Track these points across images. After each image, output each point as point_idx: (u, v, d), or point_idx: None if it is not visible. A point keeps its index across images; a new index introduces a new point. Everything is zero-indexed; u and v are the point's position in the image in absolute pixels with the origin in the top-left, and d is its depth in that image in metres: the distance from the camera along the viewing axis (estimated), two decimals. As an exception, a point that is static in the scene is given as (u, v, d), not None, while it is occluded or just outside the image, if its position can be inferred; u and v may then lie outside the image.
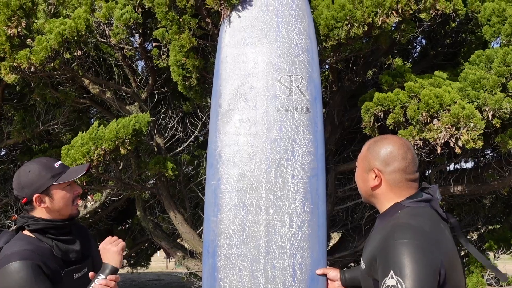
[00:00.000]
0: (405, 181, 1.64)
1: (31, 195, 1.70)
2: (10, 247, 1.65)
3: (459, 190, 4.03)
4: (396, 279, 1.41)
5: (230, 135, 2.29)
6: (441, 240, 1.51)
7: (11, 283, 1.56)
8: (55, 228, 1.74)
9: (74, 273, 1.76)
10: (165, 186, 4.48)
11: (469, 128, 2.94)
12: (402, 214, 1.58)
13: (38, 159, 1.79)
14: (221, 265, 2.18)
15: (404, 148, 1.66)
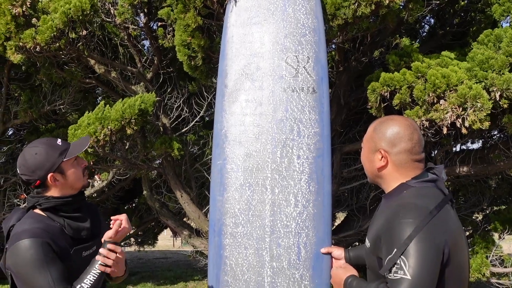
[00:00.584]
0: (411, 161, 1.65)
1: (44, 176, 1.72)
2: (21, 225, 1.67)
3: (465, 171, 4.02)
4: (399, 258, 1.43)
5: (236, 115, 2.29)
6: (446, 220, 1.52)
7: (21, 260, 1.59)
8: (66, 205, 1.77)
9: (83, 251, 1.78)
10: (171, 166, 4.52)
11: (476, 108, 2.92)
12: (408, 194, 1.59)
13: (38, 140, 1.79)
14: (227, 243, 2.21)
15: (410, 129, 1.66)
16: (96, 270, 1.66)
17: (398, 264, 1.43)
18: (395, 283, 1.42)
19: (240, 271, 2.17)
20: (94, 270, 1.66)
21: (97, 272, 1.66)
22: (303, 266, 2.15)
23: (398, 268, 1.43)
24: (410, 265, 1.41)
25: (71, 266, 1.69)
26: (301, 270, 2.15)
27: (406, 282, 1.40)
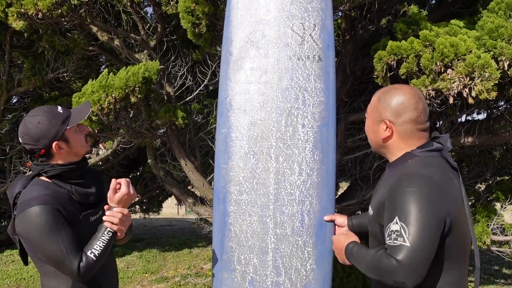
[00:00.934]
0: (416, 131, 1.64)
1: (49, 144, 1.72)
2: (29, 192, 1.69)
3: (470, 141, 4.01)
4: (400, 225, 1.45)
5: (241, 83, 2.27)
6: (450, 190, 1.53)
7: (32, 227, 1.61)
8: (71, 171, 1.78)
9: (91, 216, 1.81)
10: (175, 134, 4.52)
11: (484, 78, 2.89)
12: (412, 163, 1.59)
13: (39, 109, 1.77)
14: (231, 211, 2.23)
15: (415, 98, 1.64)
16: (105, 236, 1.69)
17: (399, 231, 1.45)
18: (394, 250, 1.45)
19: (244, 237, 2.21)
20: (103, 235, 1.69)
21: (106, 238, 1.69)
22: (307, 233, 2.19)
23: (398, 235, 1.45)
24: (410, 232, 1.43)
25: (80, 231, 1.72)
26: (304, 237, 2.19)
27: (405, 249, 1.42)
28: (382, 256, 1.48)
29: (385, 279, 1.47)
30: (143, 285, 5.68)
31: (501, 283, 5.64)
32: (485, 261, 6.84)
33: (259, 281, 2.19)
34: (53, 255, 1.62)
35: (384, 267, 1.46)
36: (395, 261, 1.42)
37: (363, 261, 1.60)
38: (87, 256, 1.65)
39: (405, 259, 1.41)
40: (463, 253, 1.58)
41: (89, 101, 1.90)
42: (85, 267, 1.63)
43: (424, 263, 1.43)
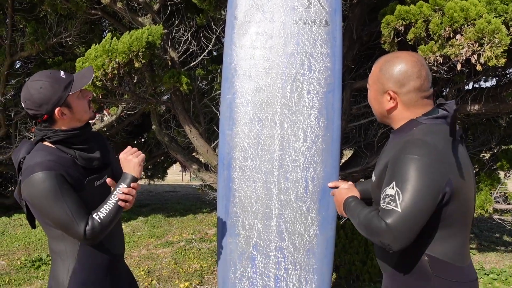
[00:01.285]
0: (420, 99, 1.62)
1: (51, 110, 1.71)
2: (33, 157, 1.69)
3: (476, 109, 3.98)
4: (395, 190, 1.46)
5: (246, 48, 2.24)
6: (454, 158, 1.52)
7: (37, 193, 1.62)
8: (75, 137, 1.78)
9: (95, 181, 1.82)
10: (179, 100, 4.50)
11: (493, 44, 2.83)
12: (417, 130, 1.58)
13: (41, 73, 1.75)
14: (236, 177, 2.25)
15: (418, 65, 1.61)
16: (112, 200, 1.70)
17: (393, 196, 1.46)
18: (385, 213, 1.47)
19: (248, 203, 2.23)
20: (110, 200, 1.70)
21: (113, 201, 1.70)
22: (310, 199, 2.20)
23: (391, 199, 1.46)
24: (404, 199, 1.44)
25: (85, 196, 1.73)
26: (308, 203, 2.20)
27: (395, 214, 1.44)
28: (374, 217, 1.52)
29: (372, 238, 1.52)
30: (148, 249, 5.80)
31: (502, 250, 5.71)
32: (487, 228, 6.91)
33: (263, 245, 2.23)
34: (59, 220, 1.64)
35: (374, 228, 1.50)
36: (385, 224, 1.45)
37: (357, 217, 1.63)
38: (93, 219, 1.67)
39: (394, 224, 1.44)
40: (465, 221, 1.59)
41: (91, 66, 1.87)
42: (91, 230, 1.65)
43: (412, 231, 1.45)
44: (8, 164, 7.21)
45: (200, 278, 4.60)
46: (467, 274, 1.60)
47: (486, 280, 4.42)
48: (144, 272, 4.77)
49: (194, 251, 5.56)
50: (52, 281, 1.80)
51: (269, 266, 2.23)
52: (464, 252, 1.61)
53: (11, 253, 5.57)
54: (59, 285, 1.77)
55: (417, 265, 1.59)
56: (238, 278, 2.25)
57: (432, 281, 1.57)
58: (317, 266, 2.21)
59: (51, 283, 1.80)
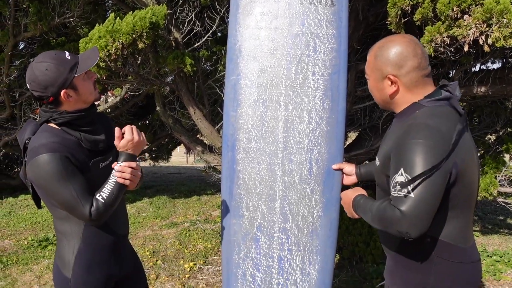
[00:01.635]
0: (421, 78, 1.61)
1: (57, 92, 1.71)
2: (38, 139, 1.69)
3: (483, 91, 3.94)
4: (405, 176, 1.45)
5: (251, 29, 2.21)
6: (458, 140, 1.51)
7: (42, 175, 1.63)
8: (80, 119, 1.78)
9: (100, 162, 1.83)
10: (183, 82, 4.48)
11: (502, 24, 2.78)
12: (420, 114, 1.57)
13: (46, 54, 1.73)
14: (240, 158, 2.24)
15: (411, 45, 1.60)
16: (112, 180, 1.70)
17: (403, 183, 1.45)
18: (398, 201, 1.46)
19: (252, 185, 2.23)
20: (111, 179, 1.71)
21: (113, 180, 1.70)
22: (314, 181, 2.20)
23: (402, 186, 1.46)
24: (415, 184, 1.43)
25: (91, 178, 1.74)
26: (312, 185, 2.20)
27: (409, 200, 1.43)
28: (386, 207, 1.50)
29: (389, 229, 1.50)
30: (153, 230, 5.85)
31: (505, 233, 5.73)
32: (490, 211, 6.92)
33: (267, 227, 2.24)
34: (64, 201, 1.66)
35: (388, 218, 1.48)
36: (399, 211, 1.44)
37: (369, 212, 1.62)
38: (97, 200, 1.68)
39: (409, 210, 1.43)
40: (468, 203, 1.59)
41: (96, 47, 1.85)
42: (95, 211, 1.66)
43: (428, 214, 1.44)
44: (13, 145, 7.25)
45: (205, 258, 4.65)
46: (470, 255, 1.61)
47: (489, 262, 4.45)
48: (149, 252, 4.83)
49: (199, 232, 5.61)
50: (58, 260, 1.82)
51: (273, 247, 2.24)
52: (467, 234, 1.61)
53: (18, 233, 5.64)
54: (65, 265, 1.79)
55: (419, 247, 1.60)
56: (242, 259, 2.27)
57: (435, 263, 1.58)
58: (320, 247, 2.22)
59: (57, 262, 1.83)
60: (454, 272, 1.58)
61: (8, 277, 4.21)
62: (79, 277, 1.78)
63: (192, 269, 4.36)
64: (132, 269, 2.04)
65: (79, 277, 1.78)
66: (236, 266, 2.28)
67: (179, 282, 4.04)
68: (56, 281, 1.83)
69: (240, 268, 2.28)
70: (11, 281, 4.10)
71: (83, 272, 1.79)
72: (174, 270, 4.33)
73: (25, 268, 4.42)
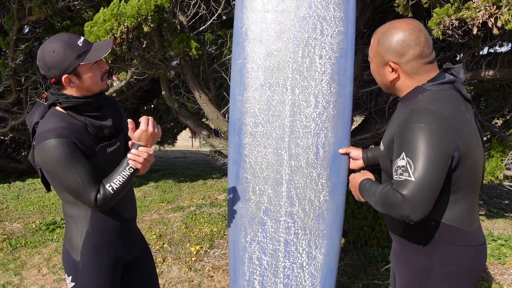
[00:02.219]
0: (423, 65, 1.60)
1: (59, 76, 1.71)
2: (45, 123, 1.70)
3: (490, 75, 3.90)
4: (406, 160, 1.46)
5: (257, 12, 2.19)
6: (461, 124, 1.51)
7: (49, 159, 1.64)
8: (86, 105, 1.78)
9: (107, 147, 1.83)
10: (189, 65, 4.47)
11: (511, 6, 2.74)
12: (423, 98, 1.57)
13: (60, 36, 1.72)
14: (247, 142, 2.24)
15: (415, 32, 1.58)
16: (126, 171, 1.71)
17: (404, 167, 1.46)
18: (400, 184, 1.46)
19: (259, 169, 2.24)
20: (124, 171, 1.71)
21: (127, 173, 1.71)
22: (321, 165, 2.20)
23: (404, 170, 1.46)
24: (416, 168, 1.43)
25: (97, 163, 1.75)
26: (319, 169, 2.21)
27: (410, 183, 1.44)
28: (389, 191, 1.51)
29: (391, 213, 1.51)
30: (159, 213, 5.90)
31: (510, 217, 5.73)
32: (496, 195, 6.91)
33: (273, 211, 2.25)
34: (70, 187, 1.67)
35: (390, 201, 1.49)
36: (400, 195, 1.45)
37: (373, 196, 1.63)
38: (105, 189, 1.69)
39: (410, 194, 1.43)
40: (473, 186, 1.59)
41: (112, 39, 1.84)
42: (102, 199, 1.67)
43: (429, 198, 1.45)
44: (20, 130, 7.29)
45: (211, 242, 4.69)
46: (475, 238, 1.62)
47: (494, 246, 4.46)
48: (155, 236, 4.88)
49: (205, 215, 5.65)
50: (67, 243, 1.85)
51: (279, 231, 2.26)
52: (472, 217, 1.62)
53: (26, 217, 5.70)
54: (73, 248, 1.82)
55: (424, 230, 1.61)
56: (248, 242, 2.29)
57: (439, 246, 1.59)
58: (326, 231, 2.24)
59: (66, 245, 1.85)
60: (459, 255, 1.59)
61: (17, 259, 4.27)
62: (88, 260, 1.81)
63: (198, 252, 4.40)
64: (140, 252, 2.06)
65: (88, 260, 1.81)
66: (242, 250, 2.30)
67: (185, 265, 4.09)
68: (65, 263, 1.86)
69: (247, 251, 2.30)
70: (20, 264, 4.17)
71: (91, 255, 1.82)
72: (181, 253, 4.38)
73: (34, 251, 4.49)
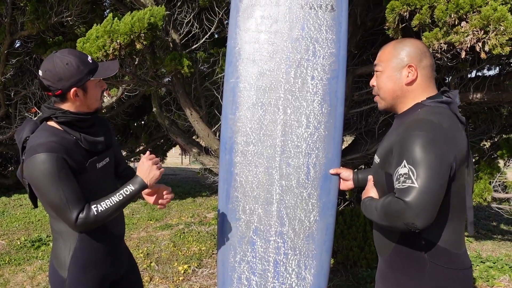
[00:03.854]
0: (431, 78, 1.67)
1: (68, 88, 1.71)
2: (37, 137, 1.69)
3: (478, 98, 3.96)
4: (408, 168, 1.45)
5: (251, 32, 2.21)
6: (458, 138, 1.53)
7: (36, 173, 1.62)
8: (82, 121, 1.79)
9: (97, 162, 1.82)
10: (181, 83, 4.48)
11: (499, 32, 2.80)
12: (422, 112, 1.61)
13: (71, 51, 1.75)
14: (238, 161, 2.24)
15: (426, 47, 1.68)
16: (116, 197, 1.70)
17: (407, 174, 1.45)
18: (403, 192, 1.44)
19: (249, 188, 2.23)
20: (115, 196, 1.71)
21: (116, 199, 1.70)
22: (312, 185, 2.21)
23: (406, 177, 1.45)
24: (419, 174, 1.43)
25: (87, 178, 1.74)
26: (309, 189, 2.21)
27: (413, 190, 1.42)
28: (391, 201, 1.48)
29: (395, 222, 1.47)
30: (147, 231, 5.83)
31: (498, 239, 5.76)
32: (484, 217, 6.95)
33: (263, 230, 2.24)
34: (53, 203, 1.65)
35: (393, 211, 1.46)
36: (403, 202, 1.42)
37: (374, 211, 1.59)
38: (90, 209, 1.67)
39: (414, 200, 1.41)
40: (461, 207, 1.59)
41: (117, 61, 1.88)
42: (83, 219, 1.65)
43: (433, 204, 1.42)
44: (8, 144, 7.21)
45: (199, 261, 4.64)
46: (462, 261, 1.62)
47: (482, 267, 4.46)
48: (143, 254, 4.81)
49: (193, 234, 5.60)
50: (54, 259, 1.82)
51: (269, 250, 2.24)
52: (461, 239, 1.62)
53: (11, 233, 5.60)
54: (61, 264, 1.79)
55: (413, 250, 1.60)
56: (237, 262, 2.27)
57: (427, 267, 1.58)
58: (316, 252, 2.23)
59: (53, 262, 1.82)
60: (447, 278, 1.58)
61: (0, 277, 4.17)
62: (75, 277, 1.78)
63: (186, 271, 4.34)
64: (128, 270, 2.03)
65: (75, 277, 1.78)
66: (231, 269, 2.28)
67: (173, 285, 4.02)
68: (52, 280, 1.82)
69: (236, 271, 2.27)
70: (3, 282, 4.07)
71: (79, 272, 1.79)
72: (168, 272, 4.32)
73: (18, 269, 4.39)
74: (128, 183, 1.74)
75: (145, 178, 1.75)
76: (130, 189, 1.72)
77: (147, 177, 1.76)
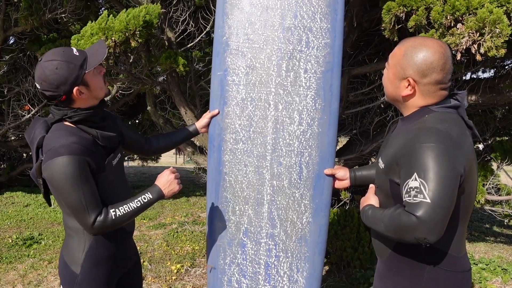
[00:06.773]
0: (438, 90, 1.58)
1: (69, 90, 1.68)
2: (56, 138, 1.66)
3: (473, 100, 3.95)
4: (419, 181, 1.42)
5: (239, 21, 2.10)
6: (465, 146, 1.50)
7: (57, 176, 1.60)
8: (94, 115, 1.76)
9: (112, 160, 1.82)
10: (175, 82, 4.44)
11: (494, 34, 2.78)
12: (429, 118, 1.55)
13: (54, 52, 1.70)
14: (227, 160, 2.17)
15: (444, 58, 1.54)
16: (134, 204, 1.72)
17: (418, 188, 1.41)
18: (414, 206, 1.41)
19: (239, 188, 2.17)
20: (133, 202, 1.72)
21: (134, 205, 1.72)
22: (304, 185, 2.14)
23: (417, 192, 1.41)
24: (430, 188, 1.39)
25: (105, 177, 1.74)
26: (302, 189, 2.15)
27: (425, 205, 1.39)
28: (401, 214, 1.45)
29: (405, 237, 1.44)
30: (141, 230, 5.78)
31: (491, 241, 5.75)
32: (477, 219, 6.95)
33: (254, 232, 2.19)
34: (72, 205, 1.64)
35: (404, 225, 1.43)
36: (415, 217, 1.39)
37: (381, 222, 1.55)
38: (108, 212, 1.68)
39: (426, 215, 1.38)
40: (467, 212, 1.57)
41: (103, 40, 1.82)
42: (101, 222, 1.66)
43: (444, 219, 1.40)
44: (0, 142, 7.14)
45: (192, 260, 4.60)
46: (462, 264, 1.60)
47: (475, 269, 4.45)
48: (135, 253, 4.76)
49: (187, 233, 5.55)
50: (67, 256, 1.81)
51: (260, 253, 2.20)
52: (461, 243, 1.60)
53: (2, 231, 5.54)
54: (74, 260, 1.78)
55: (413, 253, 1.58)
56: (227, 265, 2.22)
57: (427, 270, 1.56)
58: (309, 254, 2.17)
59: (65, 258, 1.81)
60: (446, 280, 1.56)
61: (-11, 275, 4.12)
62: (87, 273, 1.78)
63: (179, 271, 4.30)
64: (133, 265, 2.04)
65: (87, 273, 1.78)
66: (221, 272, 2.23)
67: (165, 284, 3.98)
68: (62, 275, 1.81)
69: (226, 274, 2.23)
70: (-8, 280, 4.02)
71: (91, 268, 1.79)
72: (161, 271, 4.28)
73: (9, 267, 4.34)
74: (146, 190, 1.77)
75: (164, 189, 1.78)
76: (148, 197, 1.75)
77: (166, 189, 1.79)
